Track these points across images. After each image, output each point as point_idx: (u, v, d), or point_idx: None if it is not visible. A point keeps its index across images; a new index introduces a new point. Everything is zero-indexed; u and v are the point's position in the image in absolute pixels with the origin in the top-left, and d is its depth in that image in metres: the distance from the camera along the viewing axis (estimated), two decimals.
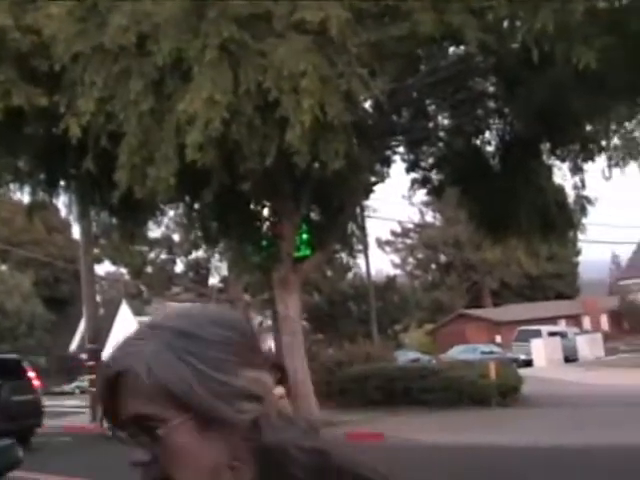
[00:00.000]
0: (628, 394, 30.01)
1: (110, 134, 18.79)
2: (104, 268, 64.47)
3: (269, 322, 49.23)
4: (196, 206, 26.97)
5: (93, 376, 31.73)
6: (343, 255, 38.89)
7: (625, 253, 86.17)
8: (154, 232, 43.87)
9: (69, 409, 39.95)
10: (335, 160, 18.90)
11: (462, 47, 23.74)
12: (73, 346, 71.59)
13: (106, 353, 1.69)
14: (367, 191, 29.66)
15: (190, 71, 17.90)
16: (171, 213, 33.73)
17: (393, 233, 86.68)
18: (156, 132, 18.42)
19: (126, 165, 18.57)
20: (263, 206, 27.32)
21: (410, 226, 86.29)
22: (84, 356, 37.71)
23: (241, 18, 17.91)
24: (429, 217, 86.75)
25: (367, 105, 24.57)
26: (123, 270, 62.81)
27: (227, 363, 1.51)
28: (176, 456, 1.47)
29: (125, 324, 69.03)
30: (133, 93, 18.14)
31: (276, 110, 17.67)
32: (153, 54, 18.01)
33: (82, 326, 50.49)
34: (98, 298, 65.35)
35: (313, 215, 28.05)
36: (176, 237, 56.12)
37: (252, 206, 27.13)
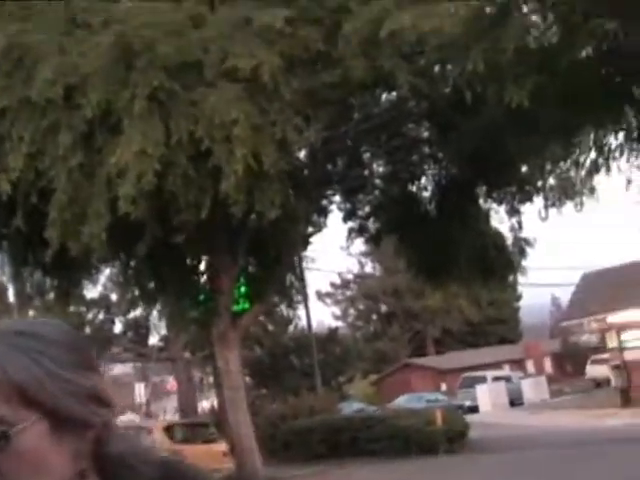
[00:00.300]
0: (572, 435, 29.97)
1: (41, 190, 18.32)
2: None
3: (211, 379, 48.69)
4: (132, 263, 26.53)
5: None
6: (283, 308, 38.58)
7: (565, 295, 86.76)
8: (91, 292, 42.93)
9: None
10: (271, 210, 18.67)
11: (394, 93, 23.70)
12: None
13: None
14: (305, 242, 29.43)
15: (120, 123, 17.55)
16: (107, 272, 33.18)
17: (333, 285, 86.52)
18: (87, 187, 18.00)
19: (57, 222, 18.09)
20: (199, 260, 26.92)
21: (350, 277, 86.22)
22: None
23: (170, 67, 17.66)
24: (368, 267, 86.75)
25: (302, 154, 24.45)
26: None
27: (76, 364, 1.46)
28: (25, 461, 1.37)
29: None
30: (62, 148, 17.73)
31: (209, 160, 17.39)
32: (82, 107, 17.66)
33: None
34: None
35: (251, 268, 27.70)
36: (114, 296, 55.15)
37: (188, 260, 26.71)
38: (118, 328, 59.82)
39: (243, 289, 26.46)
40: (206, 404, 58.70)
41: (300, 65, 18.90)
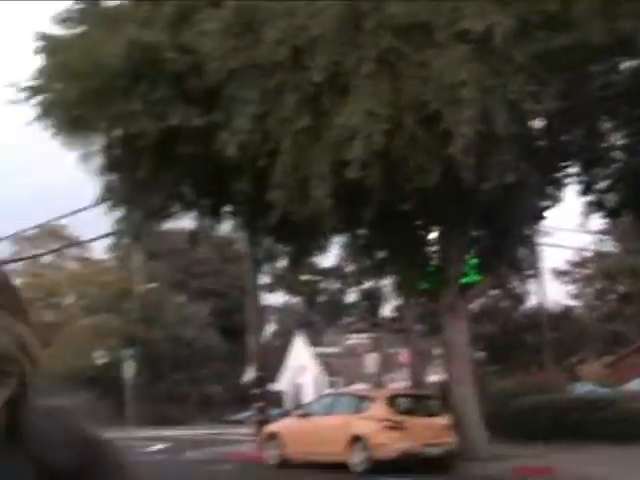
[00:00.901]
0: None
1: (268, 153, 18.28)
2: (280, 298, 64.31)
3: (438, 351, 48.32)
4: (361, 232, 26.37)
5: (260, 404, 31.66)
6: (515, 283, 37.69)
7: None
8: (326, 261, 43.20)
9: (240, 437, 39.58)
10: (503, 174, 18.01)
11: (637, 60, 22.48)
12: (247, 375, 71.97)
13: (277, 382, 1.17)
14: (539, 215, 28.49)
15: (347, 85, 17.28)
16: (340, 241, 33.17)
17: (569, 262, 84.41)
18: (312, 150, 17.80)
19: (281, 185, 18.02)
20: (429, 230, 26.44)
21: (588, 255, 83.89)
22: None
23: (399, 28, 17.23)
24: (608, 246, 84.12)
25: (535, 123, 23.55)
26: (296, 299, 62.70)
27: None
28: None
29: (300, 354, 69.03)
30: (288, 110, 17.63)
31: (437, 122, 16.87)
32: (309, 69, 17.49)
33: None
34: (273, 328, 65.66)
35: (481, 240, 26.97)
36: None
37: (417, 230, 26.29)
38: (351, 297, 60.26)
39: (474, 261, 25.87)
40: (435, 377, 58.51)
41: (534, 28, 18.04)
